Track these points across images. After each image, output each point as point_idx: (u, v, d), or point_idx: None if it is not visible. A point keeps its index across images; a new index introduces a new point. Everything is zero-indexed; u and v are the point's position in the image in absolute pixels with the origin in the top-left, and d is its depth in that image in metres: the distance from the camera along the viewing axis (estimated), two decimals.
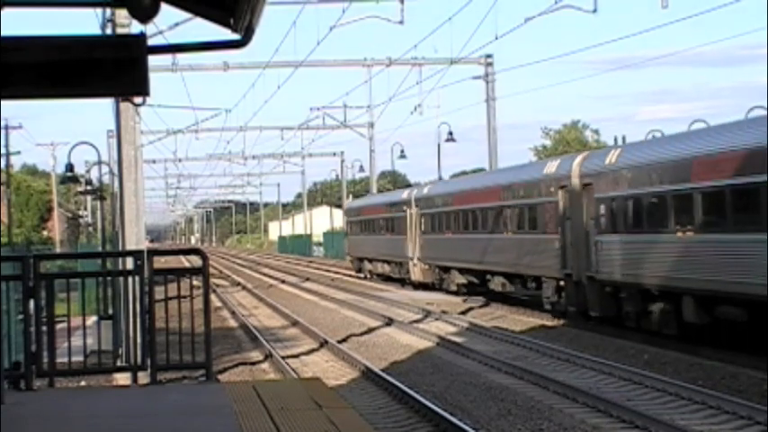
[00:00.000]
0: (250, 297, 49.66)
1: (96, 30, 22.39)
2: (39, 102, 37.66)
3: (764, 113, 26.15)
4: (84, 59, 9.50)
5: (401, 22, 44.56)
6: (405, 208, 49.84)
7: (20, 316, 14.14)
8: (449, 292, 43.20)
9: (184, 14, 21.27)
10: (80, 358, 13.55)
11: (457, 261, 42.51)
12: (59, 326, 13.65)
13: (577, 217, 29.83)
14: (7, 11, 9.77)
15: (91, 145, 51.84)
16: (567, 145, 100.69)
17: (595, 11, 37.31)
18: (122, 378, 18.33)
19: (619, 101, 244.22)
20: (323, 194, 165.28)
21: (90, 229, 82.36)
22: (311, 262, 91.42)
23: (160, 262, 20.02)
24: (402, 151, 75.48)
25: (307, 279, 62.27)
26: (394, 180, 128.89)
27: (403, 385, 19.45)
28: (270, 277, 67.82)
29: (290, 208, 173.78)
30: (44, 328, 12.60)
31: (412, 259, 48.43)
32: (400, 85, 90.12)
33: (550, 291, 32.01)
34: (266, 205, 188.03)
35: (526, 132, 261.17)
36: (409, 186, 74.44)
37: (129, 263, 15.14)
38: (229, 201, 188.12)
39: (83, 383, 18.61)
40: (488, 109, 54.46)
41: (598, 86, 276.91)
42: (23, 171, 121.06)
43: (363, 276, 59.82)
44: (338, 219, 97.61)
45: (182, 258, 78.05)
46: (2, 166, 73.63)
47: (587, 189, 29.21)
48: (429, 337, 28.52)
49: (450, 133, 63.87)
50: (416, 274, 47.91)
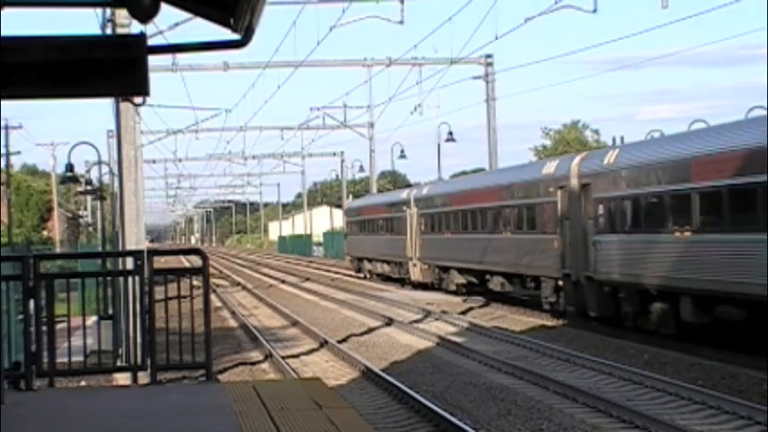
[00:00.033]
0: (250, 297, 49.66)
1: (96, 30, 22.41)
2: (39, 102, 37.65)
3: (764, 113, 26.15)
4: (84, 59, 9.50)
5: (401, 22, 44.58)
6: (404, 208, 49.85)
7: (20, 316, 14.14)
8: (448, 292, 43.22)
9: (184, 14, 21.28)
10: (80, 358, 13.55)
11: (456, 261, 42.53)
12: (59, 326, 13.65)
13: (576, 217, 29.86)
14: (7, 11, 9.77)
15: (91, 145, 51.88)
16: (567, 145, 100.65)
17: (595, 11, 37.37)
18: (122, 378, 18.33)
19: (619, 101, 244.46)
20: (323, 194, 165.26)
21: (90, 229, 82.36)
22: (311, 262, 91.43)
23: (160, 262, 20.01)
24: (402, 151, 75.54)
25: (307, 279, 62.28)
26: (394, 180, 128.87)
27: (403, 385, 19.45)
28: (270, 277, 67.81)
29: (290, 208, 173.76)
30: (44, 328, 12.60)
31: (411, 259, 48.44)
32: (400, 85, 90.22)
33: (549, 291, 32.03)
34: (266, 205, 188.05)
35: (526, 132, 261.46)
36: (409, 186, 74.45)
37: (129, 263, 15.14)
38: (229, 201, 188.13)
39: (83, 383, 18.61)
40: (488, 109, 54.47)
41: (598, 86, 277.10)
42: (23, 171, 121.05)
43: (363, 276, 59.84)
44: (338, 219, 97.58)
45: (182, 258, 78.04)
46: (2, 166, 73.70)
47: (586, 189, 29.26)
48: (429, 337, 28.52)
49: (450, 133, 63.91)
50: (416, 274, 47.91)
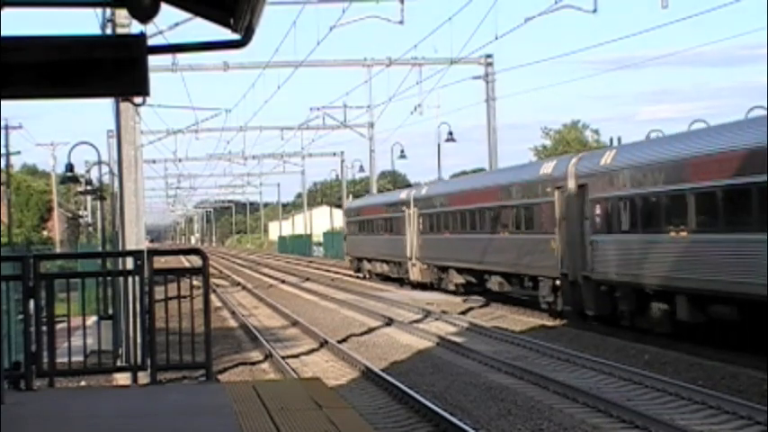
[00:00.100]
0: (250, 297, 49.66)
1: (96, 30, 22.41)
2: (39, 102, 37.66)
3: (764, 113, 26.17)
4: (84, 59, 9.50)
5: (401, 22, 44.58)
6: (403, 208, 49.89)
7: (20, 316, 14.14)
8: (447, 292, 43.27)
9: (184, 14, 21.28)
10: (80, 358, 13.55)
11: (455, 261, 42.62)
12: (59, 326, 13.66)
13: (573, 217, 30.02)
14: (7, 11, 9.77)
15: (91, 145, 51.84)
16: (567, 145, 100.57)
17: (595, 11, 37.37)
18: (122, 378, 18.32)
19: (619, 101, 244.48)
20: (323, 194, 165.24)
21: (90, 229, 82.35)
22: (311, 262, 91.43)
23: (160, 262, 20.01)
24: (402, 151, 75.53)
25: (307, 279, 62.28)
26: (394, 180, 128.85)
27: (403, 385, 19.45)
28: (270, 277, 67.81)
29: (290, 208, 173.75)
30: (44, 328, 12.60)
31: (411, 259, 48.49)
32: (400, 85, 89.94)
33: (547, 290, 32.16)
34: (266, 205, 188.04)
35: (526, 132, 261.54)
36: (409, 186, 74.47)
37: (129, 263, 15.14)
38: (229, 201, 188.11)
39: (83, 383, 18.61)
40: (488, 109, 54.47)
41: (598, 86, 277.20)
42: (23, 171, 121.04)
43: (362, 276, 59.88)
44: (338, 219, 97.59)
45: (182, 258, 78.04)
46: (2, 166, 73.69)
47: (583, 190, 29.42)
48: (429, 337, 28.52)
49: (450, 133, 63.91)
50: (415, 274, 47.96)
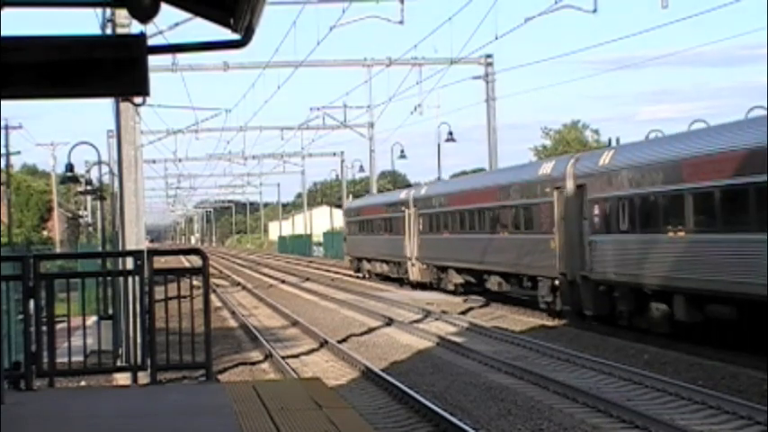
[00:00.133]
0: (250, 297, 49.66)
1: (96, 30, 22.41)
2: (39, 102, 37.65)
3: (763, 113, 26.19)
4: (84, 59, 9.50)
5: (401, 22, 44.59)
6: (403, 208, 49.94)
7: (20, 316, 14.14)
8: (446, 292, 43.30)
9: (184, 14, 21.28)
10: (80, 358, 13.55)
11: (454, 261, 42.66)
12: (59, 326, 13.65)
13: (572, 217, 30.12)
14: (7, 11, 9.77)
15: (91, 145, 51.85)
16: (567, 145, 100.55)
17: (595, 11, 37.40)
18: (122, 378, 18.32)
19: (619, 101, 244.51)
20: (323, 194, 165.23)
21: (90, 229, 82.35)
22: (311, 262, 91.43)
23: (160, 262, 20.01)
24: (402, 151, 75.55)
25: (307, 279, 62.28)
26: (394, 180, 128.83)
27: (403, 385, 19.45)
28: (270, 277, 67.80)
29: (290, 208, 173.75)
30: (44, 328, 12.60)
31: (410, 259, 48.52)
32: (400, 85, 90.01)
33: (546, 290, 32.23)
34: (266, 205, 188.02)
35: (526, 132, 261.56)
36: (409, 186, 74.44)
37: (129, 263, 15.14)
38: (229, 201, 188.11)
39: (83, 383, 18.61)
40: (488, 109, 54.47)
41: (598, 86, 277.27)
42: (23, 171, 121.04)
43: (362, 276, 59.92)
44: (338, 219, 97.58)
45: (182, 258, 78.03)
46: (2, 166, 73.69)
47: (581, 190, 29.49)
48: (429, 337, 28.52)
49: (450, 133, 63.91)
50: (414, 274, 47.99)
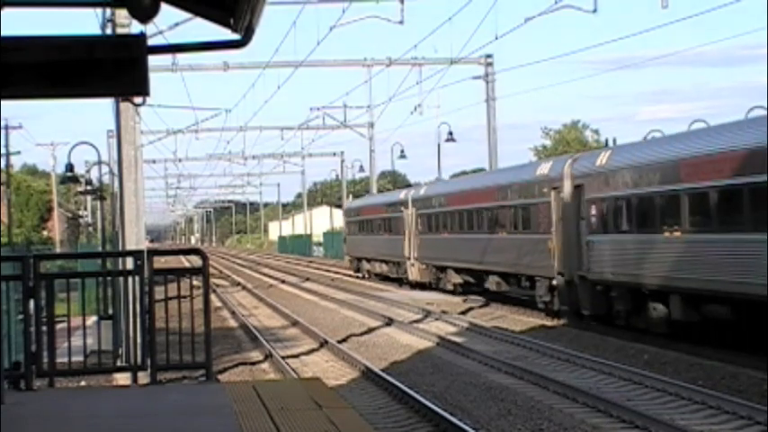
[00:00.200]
0: (250, 297, 49.65)
1: (96, 30, 22.41)
2: (39, 102, 37.65)
3: (763, 114, 26.20)
4: (84, 59, 9.50)
5: (401, 22, 44.59)
6: (402, 208, 49.99)
7: (20, 316, 14.14)
8: (445, 292, 43.35)
9: (184, 14, 21.28)
10: (80, 358, 13.55)
11: (453, 261, 42.73)
12: (59, 326, 13.65)
13: (569, 217, 30.21)
14: (7, 11, 9.77)
15: (91, 145, 51.84)
16: (567, 145, 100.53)
17: (595, 11, 37.40)
18: (122, 378, 18.32)
19: (619, 101, 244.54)
20: (323, 194, 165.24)
21: (90, 229, 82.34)
22: (311, 262, 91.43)
23: (160, 262, 20.01)
24: (402, 151, 75.54)
25: (307, 279, 62.28)
26: (394, 180, 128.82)
27: (403, 385, 19.45)
28: (270, 277, 67.80)
29: (290, 208, 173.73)
30: (44, 328, 12.60)
31: (409, 259, 48.58)
32: (400, 85, 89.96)
33: (544, 290, 32.33)
34: (266, 205, 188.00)
35: (526, 132, 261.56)
36: (409, 186, 74.45)
37: (129, 263, 15.14)
38: (229, 201, 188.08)
39: (83, 383, 18.60)
40: (488, 109, 54.47)
41: (598, 86, 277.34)
42: (23, 171, 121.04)
43: (362, 276, 59.96)
44: (338, 219, 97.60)
45: (182, 258, 78.03)
46: (2, 166, 73.69)
47: (579, 190, 29.57)
48: (429, 337, 28.52)
49: (450, 133, 63.90)
50: (414, 274, 48.04)
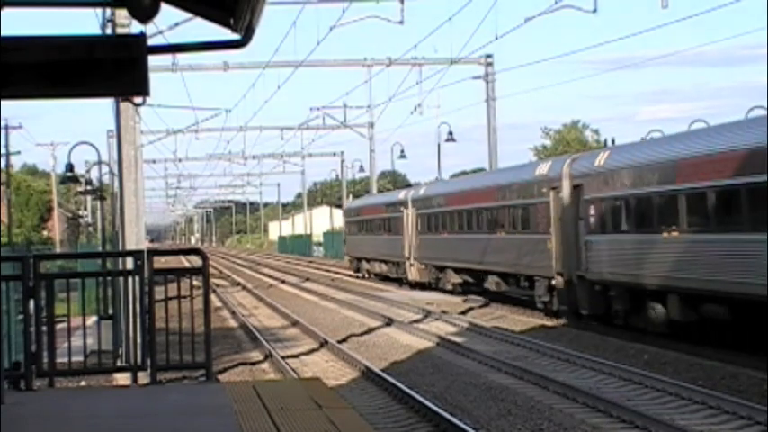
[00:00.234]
0: (250, 297, 49.65)
1: (96, 30, 22.41)
2: (39, 102, 37.66)
3: (763, 113, 26.22)
4: (84, 59, 9.50)
5: (401, 22, 44.59)
6: (401, 208, 50.02)
7: (20, 316, 14.14)
8: (444, 291, 43.38)
9: (184, 14, 21.28)
10: (80, 358, 13.55)
11: (452, 261, 42.77)
12: (59, 326, 13.65)
13: (568, 217, 30.32)
14: (7, 11, 9.77)
15: (91, 145, 51.86)
16: (567, 145, 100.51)
17: (595, 11, 37.41)
18: (122, 378, 18.32)
19: (619, 101, 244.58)
20: (323, 194, 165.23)
21: (90, 229, 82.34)
22: (311, 262, 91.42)
23: (160, 262, 20.00)
24: (402, 151, 75.54)
25: (307, 279, 62.27)
26: (394, 180, 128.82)
27: (403, 385, 19.44)
28: (270, 277, 67.80)
29: (290, 208, 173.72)
30: (44, 328, 12.60)
31: (409, 259, 48.61)
32: (400, 85, 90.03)
33: (542, 290, 32.40)
34: (266, 205, 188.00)
35: (526, 132, 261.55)
36: (409, 186, 74.45)
37: (129, 263, 15.13)
38: (229, 201, 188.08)
39: (83, 383, 18.60)
40: (488, 109, 54.47)
41: (598, 86, 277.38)
42: (23, 171, 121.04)
43: (361, 276, 59.99)
44: (338, 219, 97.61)
45: (182, 258, 78.02)
46: (2, 166, 73.69)
47: (577, 190, 29.64)
48: (429, 337, 28.52)
49: (450, 133, 63.92)
50: (413, 274, 48.08)
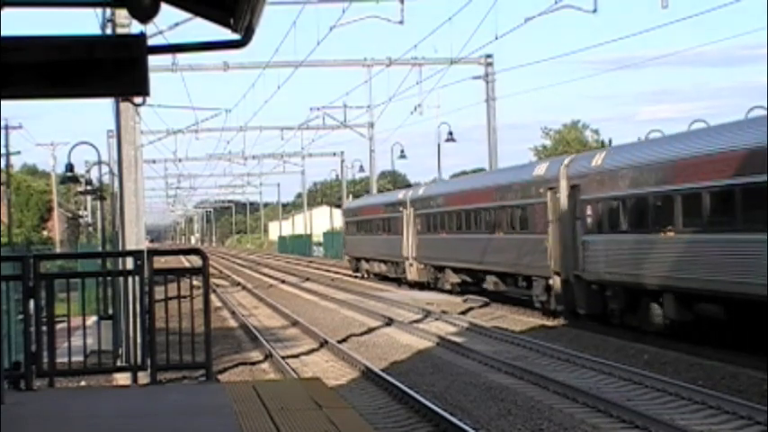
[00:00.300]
0: (250, 297, 49.65)
1: (96, 30, 22.41)
2: (39, 102, 37.67)
3: (764, 113, 26.24)
4: (84, 59, 9.51)
5: (401, 22, 44.61)
6: (401, 209, 50.05)
7: (20, 316, 14.14)
8: (443, 291, 43.41)
9: (184, 14, 21.29)
10: (80, 358, 13.55)
11: (451, 261, 42.81)
12: (59, 326, 13.65)
13: (565, 218, 30.42)
14: (7, 11, 9.77)
15: (91, 145, 51.86)
16: (567, 145, 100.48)
17: (595, 11, 37.44)
18: (122, 378, 18.32)
19: (619, 101, 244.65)
20: (323, 194, 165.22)
21: (90, 229, 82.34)
22: (311, 262, 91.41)
23: (160, 262, 20.00)
24: (402, 151, 75.56)
25: (307, 279, 62.27)
26: (394, 180, 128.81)
27: (403, 385, 19.44)
28: (270, 277, 67.79)
29: (290, 208, 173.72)
30: (44, 328, 12.60)
31: (408, 259, 48.64)
32: (400, 85, 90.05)
33: (540, 289, 32.46)
34: (266, 205, 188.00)
35: (526, 132, 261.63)
36: (409, 186, 74.46)
37: (129, 263, 15.14)
38: (229, 201, 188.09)
39: (83, 383, 18.60)
40: (488, 109, 54.48)
41: (598, 86, 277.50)
42: (23, 171, 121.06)
43: (360, 276, 60.01)
44: (338, 219, 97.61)
45: (182, 258, 78.01)
46: (2, 166, 73.69)
47: (575, 191, 29.73)
48: (429, 337, 28.52)
49: (450, 133, 63.95)
50: (412, 274, 48.12)
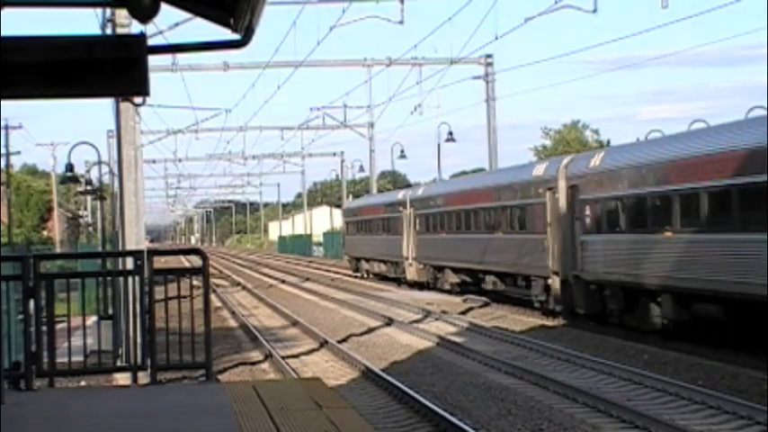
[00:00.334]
0: (250, 297, 49.65)
1: (96, 30, 22.41)
2: (39, 102, 37.68)
3: (764, 113, 26.24)
4: (84, 59, 9.51)
5: (401, 22, 44.61)
6: (400, 209, 50.07)
7: (20, 316, 14.14)
8: (442, 291, 43.43)
9: (184, 14, 21.29)
10: (80, 358, 13.55)
11: (450, 261, 42.83)
12: (59, 326, 13.65)
13: (564, 218, 30.48)
14: (7, 11, 9.77)
15: (91, 145, 51.85)
16: (567, 145, 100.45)
17: (595, 11, 37.45)
18: (122, 378, 18.32)
19: (619, 101, 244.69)
20: (323, 194, 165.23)
21: (90, 229, 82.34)
22: (311, 262, 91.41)
23: (160, 262, 20.00)
24: (402, 151, 75.57)
25: (307, 279, 62.27)
26: (394, 180, 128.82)
27: (403, 385, 19.44)
28: (270, 277, 67.79)
29: (290, 208, 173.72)
30: (44, 328, 12.60)
31: (407, 259, 48.67)
32: (400, 85, 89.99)
33: (539, 289, 32.49)
34: (266, 205, 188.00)
35: (526, 132, 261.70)
36: (409, 186, 74.48)
37: (129, 263, 15.14)
38: (229, 201, 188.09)
39: (83, 383, 18.60)
40: (488, 109, 54.48)
41: (598, 86, 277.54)
42: (23, 171, 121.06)
43: (360, 276, 60.05)
44: (338, 219, 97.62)
45: (182, 258, 78.01)
46: (2, 166, 73.69)
47: (573, 191, 29.79)
48: (429, 337, 28.52)
49: (450, 133, 63.96)
50: (412, 274, 48.15)
